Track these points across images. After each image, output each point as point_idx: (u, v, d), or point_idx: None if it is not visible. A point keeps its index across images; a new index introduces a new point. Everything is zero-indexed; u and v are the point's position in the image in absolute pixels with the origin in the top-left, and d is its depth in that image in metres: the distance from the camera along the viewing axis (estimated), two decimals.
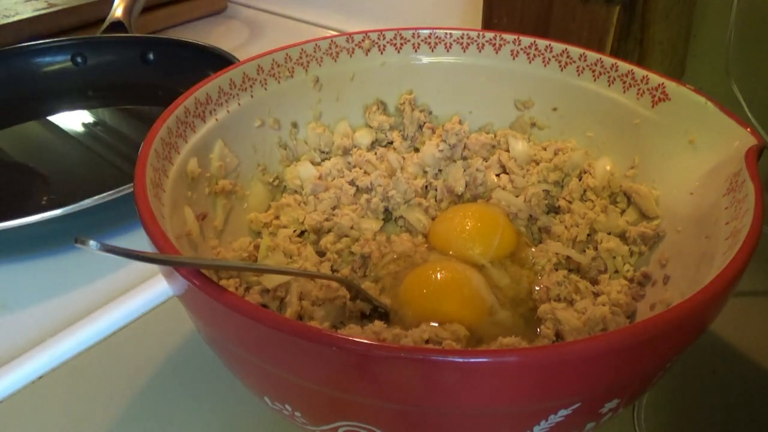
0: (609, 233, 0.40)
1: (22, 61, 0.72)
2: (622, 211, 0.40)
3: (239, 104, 0.41)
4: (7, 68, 0.71)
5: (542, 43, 0.44)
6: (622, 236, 0.39)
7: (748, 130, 0.32)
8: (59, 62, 0.74)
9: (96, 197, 0.46)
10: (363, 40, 0.46)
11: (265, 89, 0.43)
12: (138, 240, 0.27)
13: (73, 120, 0.68)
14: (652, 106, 0.39)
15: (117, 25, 0.77)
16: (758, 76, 0.61)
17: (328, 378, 0.23)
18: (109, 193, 0.47)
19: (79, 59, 0.74)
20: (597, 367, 0.22)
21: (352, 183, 0.45)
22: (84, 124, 0.68)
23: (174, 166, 0.34)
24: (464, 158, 0.47)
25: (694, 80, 0.71)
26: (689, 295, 0.23)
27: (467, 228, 0.42)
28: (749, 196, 0.28)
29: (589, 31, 0.62)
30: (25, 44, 0.73)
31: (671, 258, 0.35)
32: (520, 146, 0.46)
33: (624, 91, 0.40)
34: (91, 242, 0.20)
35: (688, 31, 0.69)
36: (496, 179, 0.46)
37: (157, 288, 0.45)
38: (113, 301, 0.44)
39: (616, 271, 0.38)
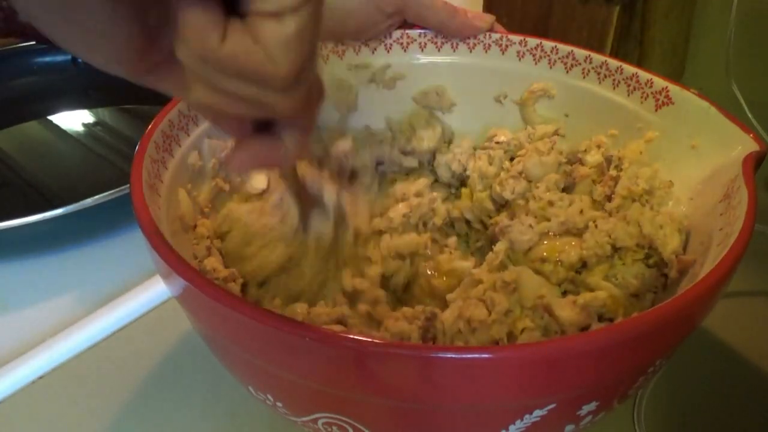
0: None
1: (22, 61, 0.72)
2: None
3: None
4: (7, 68, 0.71)
5: (548, 44, 0.43)
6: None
7: (751, 135, 0.32)
8: (59, 62, 0.73)
9: (96, 197, 0.46)
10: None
11: None
12: (137, 239, 0.27)
13: (73, 120, 0.68)
14: (656, 110, 0.38)
15: None
16: (758, 76, 0.61)
17: (305, 370, 0.24)
18: (109, 193, 0.47)
19: (79, 59, 0.74)
20: (568, 368, 0.22)
21: None
22: (84, 124, 0.68)
23: (174, 158, 0.34)
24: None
25: (694, 80, 0.71)
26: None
27: None
28: (742, 203, 0.28)
29: (589, 31, 0.62)
30: (25, 44, 0.73)
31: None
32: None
33: (628, 95, 0.40)
34: None
35: (688, 31, 0.69)
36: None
37: (156, 288, 0.45)
38: (113, 301, 0.44)
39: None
